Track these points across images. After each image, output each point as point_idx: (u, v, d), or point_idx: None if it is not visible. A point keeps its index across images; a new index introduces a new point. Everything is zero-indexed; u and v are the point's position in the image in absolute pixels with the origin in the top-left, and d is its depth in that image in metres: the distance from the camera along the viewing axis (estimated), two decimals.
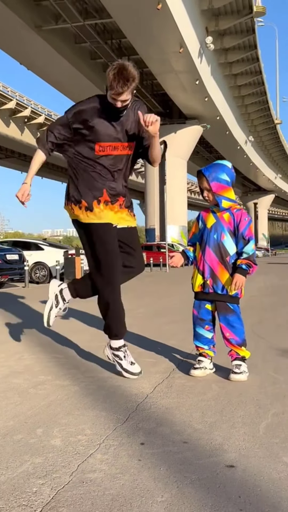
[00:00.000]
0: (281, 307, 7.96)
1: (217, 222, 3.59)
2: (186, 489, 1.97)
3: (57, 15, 29.50)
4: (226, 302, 3.57)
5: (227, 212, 3.58)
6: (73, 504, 1.88)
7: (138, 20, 25.91)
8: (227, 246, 3.55)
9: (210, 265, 3.57)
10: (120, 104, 3.45)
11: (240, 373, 3.54)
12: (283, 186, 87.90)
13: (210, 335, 3.69)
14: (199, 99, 37.11)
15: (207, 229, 3.63)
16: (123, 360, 3.67)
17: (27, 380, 3.66)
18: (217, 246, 3.56)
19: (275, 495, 1.90)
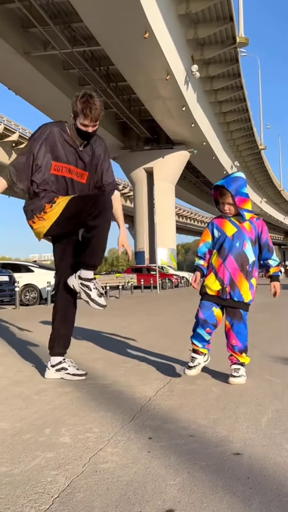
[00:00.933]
0: (272, 322, 8.12)
1: (239, 231, 3.67)
2: (196, 474, 2.06)
3: (45, 42, 29.98)
4: (240, 309, 3.67)
5: (247, 222, 3.69)
6: (89, 490, 1.96)
7: (125, 48, 26.43)
8: (248, 254, 3.65)
9: (230, 272, 3.65)
10: (91, 130, 3.72)
11: (239, 376, 3.65)
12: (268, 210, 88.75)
13: (208, 338, 3.77)
14: (186, 125, 37.71)
15: (228, 238, 3.69)
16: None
17: (29, 388, 3.73)
18: (239, 255, 3.64)
19: (281, 475, 2.01)
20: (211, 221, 3.87)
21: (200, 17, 29.76)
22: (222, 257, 3.69)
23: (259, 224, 3.71)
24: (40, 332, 7.37)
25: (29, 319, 9.86)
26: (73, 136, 3.79)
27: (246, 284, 3.65)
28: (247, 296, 3.66)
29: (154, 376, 3.97)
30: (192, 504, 1.80)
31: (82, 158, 3.84)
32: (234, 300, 3.66)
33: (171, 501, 1.83)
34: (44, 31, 28.18)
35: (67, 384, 3.80)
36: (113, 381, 3.84)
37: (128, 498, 1.87)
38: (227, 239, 3.69)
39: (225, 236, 3.71)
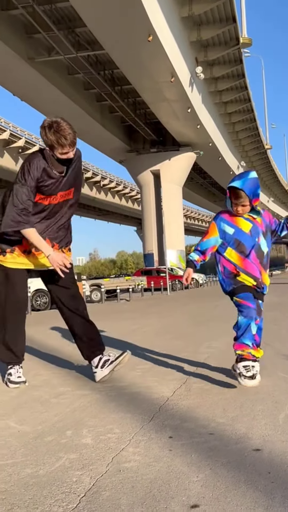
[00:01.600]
0: (282, 320, 8.14)
1: (254, 226, 3.70)
2: (218, 470, 2.11)
3: (49, 47, 30.11)
4: (260, 302, 3.66)
5: (258, 216, 3.74)
6: (114, 488, 2.01)
7: (129, 51, 26.53)
8: (263, 247, 3.71)
9: (258, 267, 3.67)
10: (72, 154, 3.70)
11: (251, 376, 3.42)
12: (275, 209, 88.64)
13: (254, 331, 3.54)
14: (192, 126, 37.76)
15: (246, 234, 3.68)
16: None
17: (47, 392, 3.78)
18: (258, 249, 3.68)
19: None
20: (219, 216, 3.79)
21: (203, 19, 29.84)
22: (243, 254, 3.66)
23: (266, 216, 3.78)
24: (54, 337, 7.44)
25: (41, 324, 9.93)
26: (53, 167, 3.77)
27: (266, 276, 3.73)
28: (268, 285, 3.73)
29: (170, 377, 4.01)
30: (216, 499, 1.85)
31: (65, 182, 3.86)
32: (264, 293, 3.72)
33: (196, 497, 1.88)
34: (48, 36, 28.32)
35: (85, 387, 3.85)
36: (130, 383, 3.89)
37: (153, 495, 1.92)
38: (246, 235, 3.67)
39: (242, 232, 3.67)
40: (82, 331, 4.08)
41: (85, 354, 4.06)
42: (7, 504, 1.91)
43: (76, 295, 4.14)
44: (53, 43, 29.02)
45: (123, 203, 70.57)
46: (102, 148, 44.39)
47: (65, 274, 3.91)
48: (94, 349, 4.02)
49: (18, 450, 2.52)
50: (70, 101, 34.34)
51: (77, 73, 33.59)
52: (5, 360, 4.11)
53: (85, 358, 4.08)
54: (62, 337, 7.22)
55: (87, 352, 4.04)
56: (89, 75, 33.59)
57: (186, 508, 1.80)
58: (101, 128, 39.08)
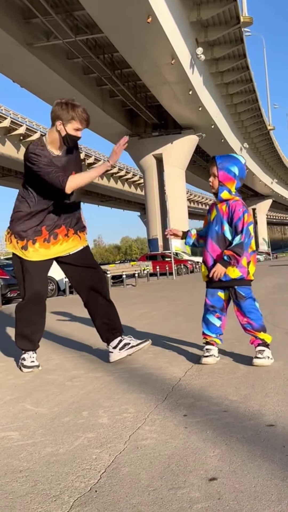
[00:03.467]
0: None
1: (218, 214, 3.77)
2: (234, 445, 2.17)
3: (48, 32, 29.90)
4: (237, 289, 3.69)
5: (225, 204, 3.75)
6: (133, 464, 2.07)
7: (129, 34, 26.31)
8: (228, 236, 3.70)
9: (212, 255, 3.74)
10: (80, 135, 3.87)
11: (263, 358, 3.63)
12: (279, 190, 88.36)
13: (219, 323, 3.82)
14: (193, 109, 37.55)
15: (210, 222, 3.83)
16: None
17: (61, 375, 3.85)
18: (219, 237, 3.72)
19: None
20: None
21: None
22: (205, 242, 3.84)
23: (233, 206, 3.70)
24: (62, 322, 7.52)
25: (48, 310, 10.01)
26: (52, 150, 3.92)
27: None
28: (233, 273, 3.65)
29: (181, 358, 4.08)
30: (234, 472, 1.91)
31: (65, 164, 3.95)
32: (222, 280, 3.69)
33: (213, 470, 1.94)
34: (46, 21, 28.09)
35: (98, 369, 3.92)
36: (143, 364, 3.96)
37: (171, 470, 1.98)
38: (210, 223, 3.83)
39: (209, 221, 3.86)
40: (104, 312, 4.15)
41: (105, 336, 4.13)
42: (30, 481, 1.98)
43: (102, 276, 4.26)
44: (51, 27, 28.81)
45: (126, 189, 70.47)
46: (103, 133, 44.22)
47: (89, 256, 4.15)
48: (114, 331, 4.10)
49: (37, 430, 2.59)
50: (70, 86, 34.15)
51: (77, 58, 33.36)
52: (21, 347, 4.21)
53: (104, 340, 4.15)
54: (70, 322, 7.30)
55: (107, 334, 4.11)
56: (89, 59, 33.36)
57: (204, 480, 1.86)
58: (101, 113, 38.91)
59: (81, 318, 7.70)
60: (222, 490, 1.78)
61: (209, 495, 1.75)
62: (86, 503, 1.77)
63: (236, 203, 3.70)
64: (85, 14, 27.62)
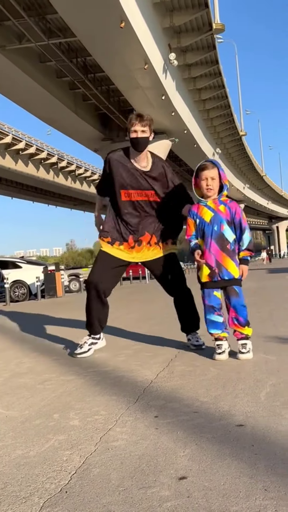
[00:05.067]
0: (262, 304, 8.28)
1: (215, 215, 3.93)
2: (204, 445, 2.19)
3: (20, 35, 29.65)
4: (234, 286, 3.92)
5: (221, 205, 3.95)
6: (104, 465, 2.08)
7: (102, 38, 26.28)
8: (227, 235, 3.91)
9: (214, 255, 3.90)
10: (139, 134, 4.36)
11: (247, 352, 3.91)
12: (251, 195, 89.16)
13: (221, 319, 4.01)
14: (166, 114, 37.65)
15: (206, 223, 3.94)
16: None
17: (32, 379, 3.83)
18: (218, 237, 3.90)
19: (283, 441, 2.15)
20: (190, 210, 4.09)
21: (175, 4, 29.65)
22: (205, 243, 3.94)
23: (232, 205, 3.97)
24: (34, 327, 7.47)
25: (19, 314, 9.94)
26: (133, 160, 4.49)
27: (231, 262, 3.90)
28: (235, 272, 3.90)
29: (153, 361, 4.09)
30: (203, 471, 1.93)
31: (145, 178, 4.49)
32: (225, 279, 3.90)
33: (183, 469, 1.96)
34: (18, 23, 27.89)
35: (69, 373, 3.91)
36: (114, 367, 3.96)
37: (142, 470, 1.99)
38: (206, 224, 3.94)
39: (203, 222, 3.96)
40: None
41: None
42: (0, 483, 1.97)
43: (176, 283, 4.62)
44: (23, 30, 28.60)
45: None
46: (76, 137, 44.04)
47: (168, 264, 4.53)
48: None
49: (7, 433, 2.58)
50: (42, 90, 33.92)
51: (49, 61, 33.16)
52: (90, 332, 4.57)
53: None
54: (42, 326, 7.26)
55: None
56: (61, 62, 33.19)
57: (174, 480, 1.88)
58: (74, 117, 38.75)
59: (53, 322, 7.67)
60: (192, 488, 1.80)
61: (178, 493, 1.76)
62: (56, 504, 1.77)
63: (235, 203, 3.99)
64: (58, 18, 27.49)
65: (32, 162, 50.27)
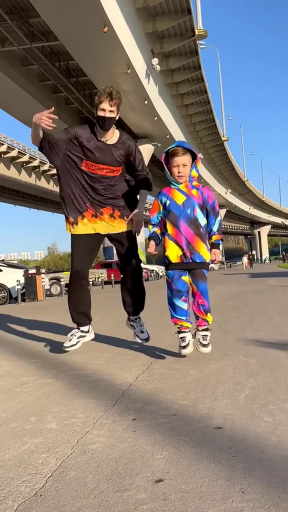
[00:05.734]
0: (242, 308, 8.30)
1: (188, 198, 3.93)
2: (182, 447, 2.17)
3: (3, 38, 29.55)
4: (203, 270, 3.91)
5: (194, 189, 3.96)
6: (80, 468, 2.05)
7: (85, 42, 26.28)
8: (200, 219, 3.92)
9: (187, 237, 3.88)
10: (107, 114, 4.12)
11: (208, 344, 3.92)
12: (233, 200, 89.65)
13: (186, 306, 3.97)
14: (149, 118, 37.75)
15: (178, 205, 3.93)
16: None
17: (10, 382, 3.78)
18: (191, 220, 3.89)
19: (261, 443, 2.13)
20: (160, 191, 4.09)
21: (158, 10, 29.76)
22: (175, 224, 3.91)
23: (205, 190, 4.00)
24: (12, 330, 7.40)
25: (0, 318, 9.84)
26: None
27: (203, 245, 3.91)
28: (207, 256, 3.90)
29: (133, 364, 4.07)
30: (180, 474, 1.91)
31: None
32: (197, 262, 3.89)
33: (160, 472, 1.94)
34: (0, 27, 27.79)
35: (47, 376, 3.87)
36: (93, 370, 3.93)
37: (118, 473, 1.96)
38: (178, 206, 3.93)
39: (175, 204, 3.94)
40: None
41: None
42: None
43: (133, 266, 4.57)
44: (6, 33, 28.50)
45: None
46: None
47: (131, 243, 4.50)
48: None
49: None
50: (25, 93, 33.84)
51: (32, 64, 33.08)
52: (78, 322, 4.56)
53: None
54: (21, 330, 7.19)
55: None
56: (44, 66, 33.14)
57: (151, 482, 1.85)
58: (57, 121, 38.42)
59: (33, 326, 7.60)
60: (168, 491, 1.77)
61: (155, 496, 1.74)
62: (31, 507, 1.73)
63: (207, 188, 4.01)
64: (41, 22, 27.44)
65: (14, 165, 50.01)
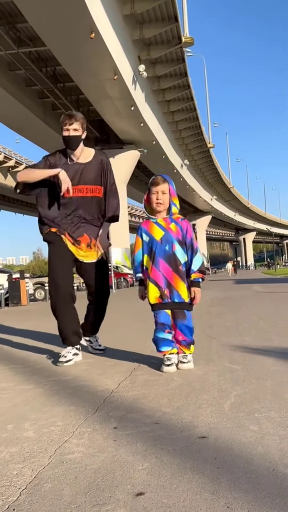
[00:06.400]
0: (227, 314, 8.23)
1: (166, 233, 3.74)
2: (164, 458, 2.07)
3: None
4: (184, 310, 3.76)
5: (172, 223, 3.76)
6: (56, 480, 1.94)
7: (72, 48, 26.22)
8: (179, 255, 3.72)
9: (165, 275, 3.71)
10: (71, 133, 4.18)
11: (188, 362, 3.81)
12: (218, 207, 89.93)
13: (170, 337, 3.83)
14: (135, 124, 37.75)
15: (156, 241, 3.75)
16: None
17: None
18: (170, 257, 3.71)
19: (247, 454, 2.04)
20: (140, 226, 3.91)
21: (145, 17, 29.84)
22: (153, 262, 3.75)
23: (184, 224, 3.78)
24: None
25: None
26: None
27: (182, 284, 3.73)
28: (186, 296, 3.74)
29: (115, 370, 3.96)
30: (162, 487, 1.81)
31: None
32: (175, 302, 3.74)
33: (141, 484, 1.83)
34: None
35: (28, 382, 3.75)
36: (75, 376, 3.81)
37: (97, 485, 1.86)
38: (156, 242, 3.75)
39: (153, 240, 3.77)
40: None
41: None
42: None
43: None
44: None
45: None
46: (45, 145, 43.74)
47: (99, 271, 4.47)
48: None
49: None
50: (11, 98, 33.67)
51: (19, 70, 32.94)
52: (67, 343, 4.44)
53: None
54: (3, 335, 7.05)
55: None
56: (31, 71, 33.02)
57: (131, 496, 1.75)
58: (43, 126, 38.53)
59: (16, 330, 7.47)
60: (149, 505, 1.67)
61: (134, 511, 1.64)
62: None
63: (187, 222, 3.78)
64: (28, 27, 27.34)
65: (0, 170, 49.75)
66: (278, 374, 3.45)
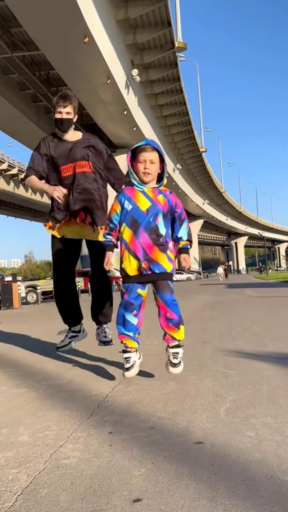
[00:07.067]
0: (220, 318, 8.23)
1: (154, 205, 3.48)
2: (161, 464, 2.06)
3: None
4: (167, 280, 3.49)
5: (160, 195, 3.52)
6: (52, 485, 1.92)
7: (65, 52, 26.25)
8: (161, 228, 3.47)
9: (144, 247, 3.45)
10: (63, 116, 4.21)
11: (179, 363, 3.48)
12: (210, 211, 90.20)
13: (136, 321, 3.50)
14: (128, 128, 37.83)
15: (141, 212, 3.47)
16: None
17: None
18: (152, 229, 3.45)
19: (244, 460, 2.03)
20: (122, 191, 3.63)
21: (139, 22, 29.97)
22: (134, 232, 3.47)
23: (172, 198, 3.55)
24: None
25: None
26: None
27: (163, 256, 3.46)
28: (168, 266, 3.47)
29: (109, 374, 3.95)
30: (159, 493, 1.80)
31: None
32: (156, 273, 3.46)
33: (138, 490, 1.82)
34: None
35: (21, 385, 3.73)
36: (68, 380, 3.80)
37: (93, 491, 1.84)
38: (141, 213, 3.47)
39: (138, 210, 3.48)
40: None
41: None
42: None
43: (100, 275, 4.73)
44: None
45: None
46: None
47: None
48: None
49: None
50: (5, 101, 33.67)
51: (12, 73, 32.96)
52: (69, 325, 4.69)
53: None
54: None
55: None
56: (25, 75, 33.04)
57: (128, 502, 1.74)
58: (36, 129, 38.49)
59: (7, 334, 7.43)
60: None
61: None
62: None
63: (174, 195, 3.59)
64: (22, 31, 27.35)
65: None
66: (273, 379, 3.45)
